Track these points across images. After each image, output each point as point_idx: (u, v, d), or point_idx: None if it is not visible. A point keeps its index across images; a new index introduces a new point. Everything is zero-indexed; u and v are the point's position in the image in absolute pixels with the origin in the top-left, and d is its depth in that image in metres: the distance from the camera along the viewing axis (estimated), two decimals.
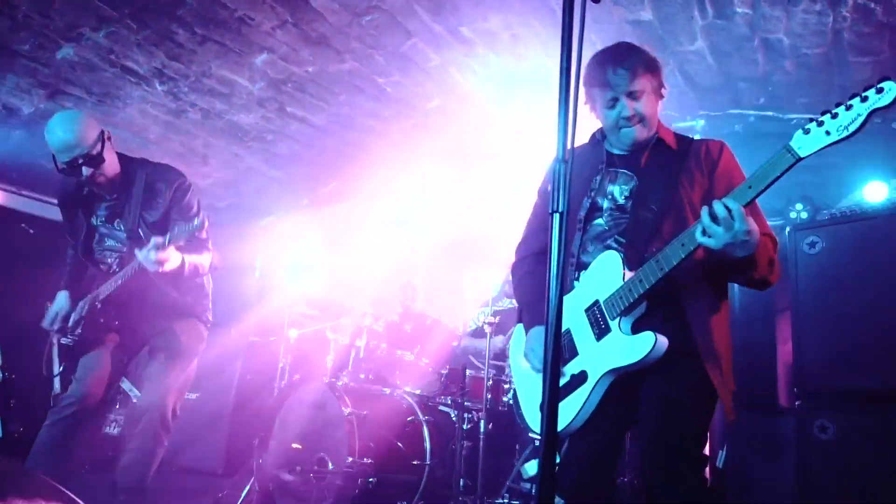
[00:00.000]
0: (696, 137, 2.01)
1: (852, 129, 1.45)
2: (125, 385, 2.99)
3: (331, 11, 3.63)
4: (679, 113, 4.31)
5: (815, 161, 4.25)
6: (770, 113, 4.22)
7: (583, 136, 2.06)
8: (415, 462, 3.31)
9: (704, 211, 1.56)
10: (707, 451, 3.82)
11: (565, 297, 1.83)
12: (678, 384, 1.73)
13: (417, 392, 3.65)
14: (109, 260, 2.83)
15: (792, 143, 1.53)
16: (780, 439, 3.11)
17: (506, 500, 3.32)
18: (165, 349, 2.78)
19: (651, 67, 1.87)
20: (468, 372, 3.61)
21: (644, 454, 1.77)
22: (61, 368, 2.78)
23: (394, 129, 5.01)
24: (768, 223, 1.86)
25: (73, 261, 2.96)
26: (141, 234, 2.73)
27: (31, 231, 5.15)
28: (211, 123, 4.82)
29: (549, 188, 1.01)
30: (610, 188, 1.92)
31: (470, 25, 3.73)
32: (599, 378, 1.73)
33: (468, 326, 5.24)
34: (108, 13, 3.61)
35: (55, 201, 5.19)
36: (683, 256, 1.62)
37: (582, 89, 1.95)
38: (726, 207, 1.54)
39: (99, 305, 2.75)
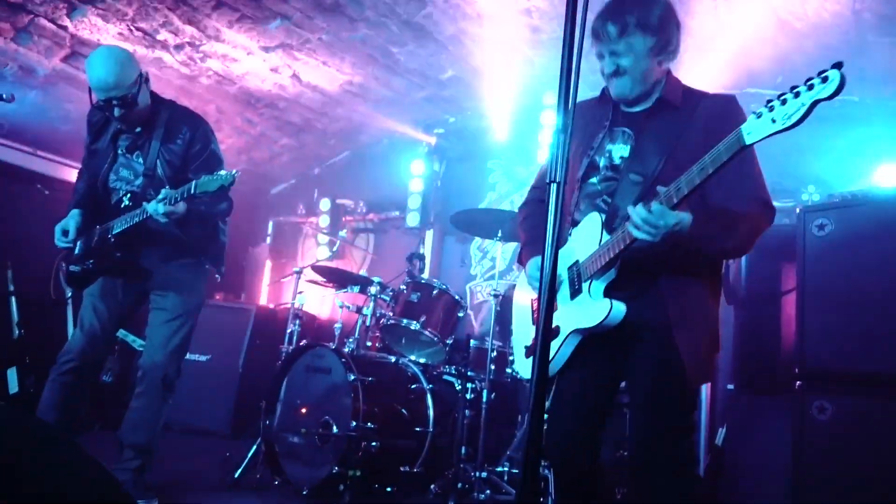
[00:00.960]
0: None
1: (795, 118, 1.40)
2: (121, 334, 2.98)
3: None
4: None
5: (830, 142, 4.19)
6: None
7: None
8: (418, 429, 3.37)
9: (631, 211, 1.61)
10: (705, 429, 3.87)
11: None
12: (652, 358, 1.77)
13: (422, 361, 3.69)
14: (121, 192, 2.81)
15: (743, 128, 1.49)
16: (779, 420, 3.13)
17: (506, 469, 3.39)
18: (166, 309, 2.81)
19: (648, 24, 1.79)
20: (472, 342, 3.65)
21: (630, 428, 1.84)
22: (69, 294, 2.80)
23: (406, 99, 5.00)
24: (766, 188, 1.82)
25: (87, 184, 2.92)
26: (158, 170, 2.76)
27: (47, 192, 5.21)
28: (223, 89, 4.83)
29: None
30: (608, 147, 1.91)
31: None
32: (567, 335, 1.80)
33: (475, 299, 5.27)
34: None
35: (71, 162, 5.23)
36: (627, 244, 1.67)
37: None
38: (647, 211, 1.58)
39: (112, 239, 2.74)
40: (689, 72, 4.11)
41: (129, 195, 2.78)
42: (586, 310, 1.79)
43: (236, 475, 3.38)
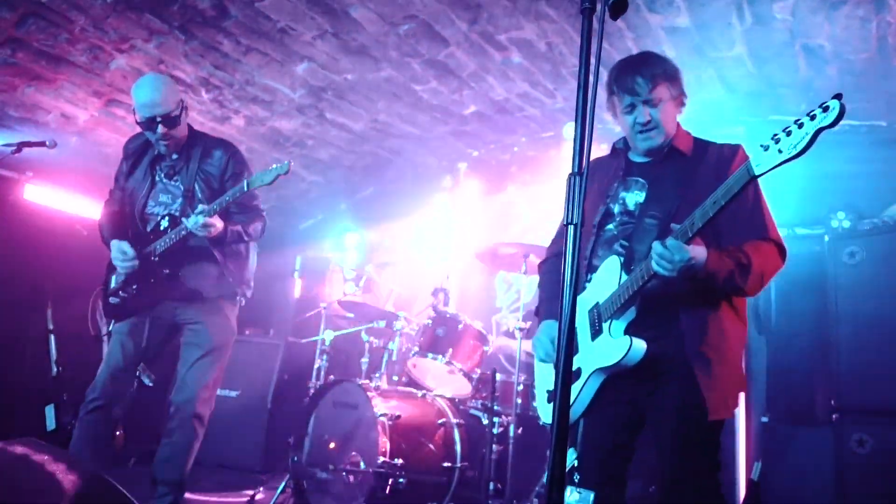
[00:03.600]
0: (720, 142, 2.04)
1: (800, 147, 1.47)
2: (138, 369, 3.05)
3: (369, 21, 3.72)
4: (719, 120, 4.26)
5: (858, 168, 4.14)
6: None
7: (599, 150, 2.15)
8: (445, 464, 3.35)
9: (653, 246, 1.68)
10: (742, 464, 3.76)
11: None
12: (673, 399, 1.81)
13: (449, 395, 3.69)
14: (159, 217, 2.90)
15: (751, 160, 1.57)
16: (817, 453, 3.04)
17: None
18: (199, 345, 2.87)
19: (671, 76, 1.93)
20: (499, 376, 3.64)
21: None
22: (105, 331, 2.89)
23: (431, 135, 5.09)
24: (777, 230, 1.89)
25: (117, 215, 3.01)
26: (197, 191, 2.89)
27: (85, 233, 5.39)
28: (253, 129, 4.98)
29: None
30: (622, 195, 2.00)
31: (505, 34, 3.77)
32: (589, 375, 1.83)
33: (500, 331, 5.26)
34: (158, 26, 3.78)
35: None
36: (647, 278, 1.73)
37: (607, 95, 2.04)
38: (664, 247, 1.65)
39: (156, 259, 2.82)
40: (712, 101, 4.12)
41: (167, 217, 2.89)
42: (607, 349, 1.83)
43: None
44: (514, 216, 5.48)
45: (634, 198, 1.98)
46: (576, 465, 1.95)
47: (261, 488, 3.67)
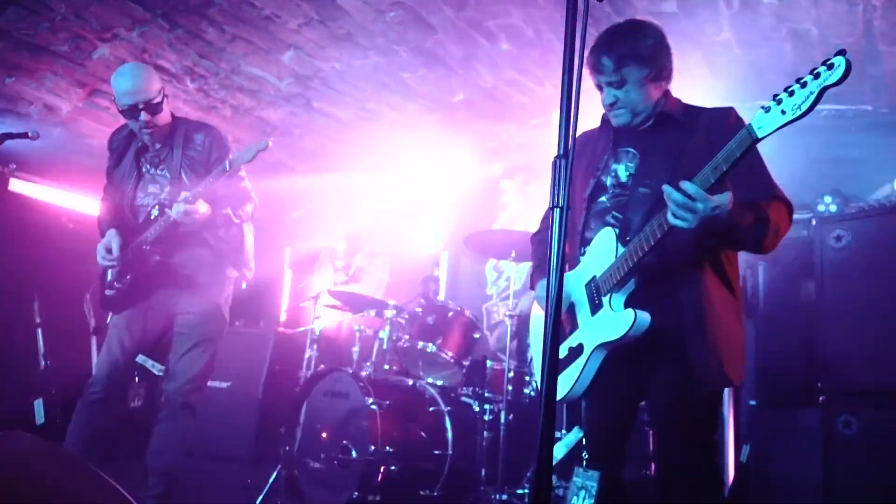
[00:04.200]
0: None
1: (805, 107, 1.43)
2: (139, 359, 3.03)
3: (355, 9, 3.69)
4: (706, 104, 4.26)
5: (846, 153, 4.17)
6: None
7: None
8: (437, 452, 3.37)
9: (669, 196, 1.59)
10: (731, 448, 3.80)
11: (571, 273, 1.94)
12: (668, 376, 1.80)
13: (440, 383, 3.70)
14: (149, 207, 2.89)
15: (753, 122, 1.52)
16: (804, 435, 3.08)
17: (527, 490, 3.36)
18: (189, 336, 2.85)
19: (642, 55, 1.85)
20: (489, 363, 3.65)
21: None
22: (93, 326, 2.86)
23: (419, 123, 5.06)
24: (785, 195, 1.84)
25: (113, 209, 3.00)
26: (183, 176, 2.87)
27: (72, 226, 5.34)
28: (240, 119, 4.93)
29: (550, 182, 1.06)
30: (614, 167, 1.96)
31: (493, 20, 3.75)
32: (592, 351, 1.81)
33: (491, 319, 5.27)
34: (141, 14, 3.73)
35: (95, 195, 5.36)
36: (660, 236, 1.66)
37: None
38: (685, 194, 1.56)
39: (147, 248, 2.81)
40: (699, 86, 4.12)
41: (157, 207, 2.87)
42: (610, 323, 1.80)
43: (258, 501, 3.39)
44: (504, 204, 5.48)
45: (626, 169, 1.94)
46: (583, 443, 1.97)
47: (251, 479, 3.67)
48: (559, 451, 2.02)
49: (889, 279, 2.69)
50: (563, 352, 1.88)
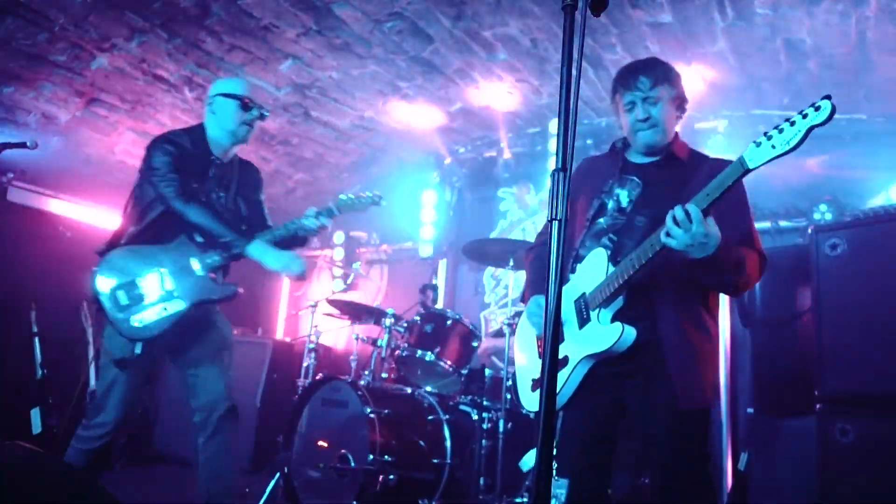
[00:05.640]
0: (713, 155, 2.14)
1: (793, 143, 1.56)
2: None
3: (353, 19, 3.71)
4: (701, 114, 4.30)
5: (841, 161, 4.19)
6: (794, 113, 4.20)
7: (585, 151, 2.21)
8: (435, 460, 3.36)
9: (669, 214, 1.69)
10: (728, 456, 3.80)
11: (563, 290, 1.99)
12: (651, 390, 1.86)
13: (438, 391, 3.70)
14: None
15: (744, 155, 1.64)
16: (801, 442, 3.08)
17: (525, 500, 3.35)
18: (215, 340, 2.76)
19: (672, 81, 2.03)
20: (487, 372, 3.66)
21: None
22: (135, 353, 2.55)
23: (416, 132, 5.09)
24: (758, 238, 1.96)
25: (162, 222, 2.67)
26: (241, 209, 2.88)
27: (69, 234, 5.34)
28: None
29: (548, 196, 1.08)
30: (617, 191, 2.07)
31: (490, 30, 3.78)
32: (578, 363, 1.89)
33: (489, 327, 5.28)
34: (140, 24, 3.75)
35: (92, 204, 5.34)
36: (651, 256, 1.76)
37: (610, 98, 2.15)
38: (685, 211, 1.66)
39: (213, 276, 2.68)
40: (694, 97, 4.15)
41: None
42: (597, 335, 1.88)
43: None
44: (502, 212, 5.50)
45: (628, 195, 2.04)
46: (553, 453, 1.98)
47: (249, 487, 3.66)
48: (530, 459, 2.10)
49: (885, 287, 2.70)
50: None
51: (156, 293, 2.61)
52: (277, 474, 3.46)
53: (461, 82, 4.36)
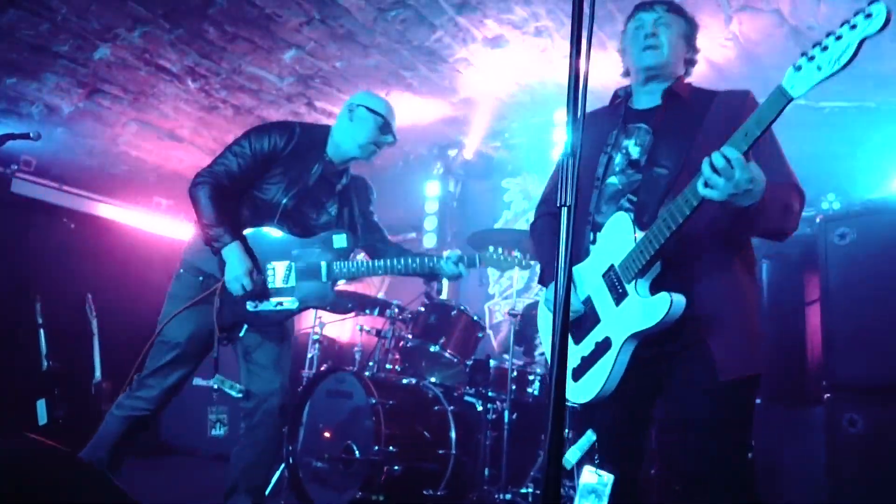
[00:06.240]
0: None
1: (843, 60, 1.34)
2: (216, 382, 2.57)
3: (357, 7, 3.68)
4: None
5: (848, 150, 4.14)
6: (803, 102, 4.15)
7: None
8: (440, 451, 3.36)
9: (705, 162, 1.48)
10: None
11: (583, 265, 1.84)
12: (694, 365, 1.67)
13: (443, 383, 3.69)
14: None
15: (784, 83, 1.42)
16: (809, 432, 3.07)
17: (531, 490, 3.35)
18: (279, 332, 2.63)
19: (688, 20, 1.92)
20: (492, 363, 3.64)
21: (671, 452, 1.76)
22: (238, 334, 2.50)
23: (420, 122, 5.06)
24: (793, 171, 1.74)
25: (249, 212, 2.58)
26: (348, 217, 2.80)
27: (73, 226, 5.34)
28: (242, 119, 4.93)
29: (558, 178, 1.04)
30: (625, 142, 1.86)
31: (495, 18, 3.74)
32: (623, 343, 1.68)
33: (493, 319, 5.27)
34: (143, 14, 3.73)
35: (96, 196, 5.33)
36: (689, 212, 1.54)
37: (621, 37, 2.00)
38: (725, 157, 1.45)
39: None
40: (700, 83, 4.11)
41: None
42: (641, 310, 1.66)
43: None
44: (506, 203, 5.47)
45: (639, 146, 1.82)
46: (595, 445, 1.89)
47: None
48: (573, 455, 1.91)
49: (893, 276, 2.68)
50: (588, 348, 1.78)
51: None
52: (282, 465, 3.46)
53: (465, 72, 4.33)
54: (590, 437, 1.82)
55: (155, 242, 5.78)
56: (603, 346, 1.73)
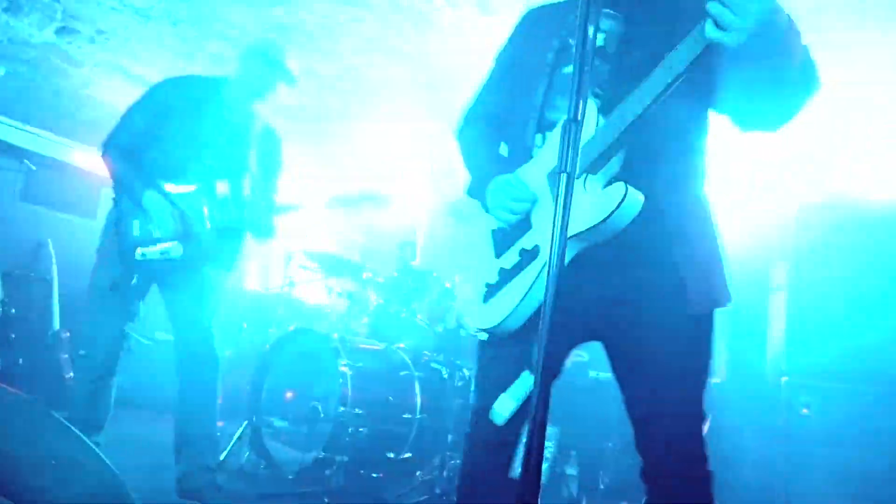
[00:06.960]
0: None
1: None
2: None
3: None
4: None
5: (825, 138, 4.18)
6: None
7: None
8: (405, 415, 3.38)
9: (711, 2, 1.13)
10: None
11: (527, 166, 1.51)
12: (657, 289, 1.38)
13: (411, 348, 3.70)
14: None
15: None
16: (766, 412, 3.17)
17: None
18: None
19: None
20: (462, 331, 3.66)
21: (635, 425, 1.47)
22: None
23: (406, 87, 4.97)
24: None
25: None
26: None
27: (34, 167, 5.14)
28: (219, 70, 4.77)
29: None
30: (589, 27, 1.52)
31: None
32: None
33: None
34: None
35: (61, 138, 5.12)
36: (682, 70, 1.20)
37: None
38: None
39: None
40: None
41: None
42: (585, 207, 1.29)
43: (222, 457, 3.36)
44: None
45: (605, 32, 1.48)
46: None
47: (217, 435, 3.63)
48: (505, 406, 1.28)
49: (857, 267, 2.77)
50: (510, 260, 1.45)
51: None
52: (245, 423, 3.44)
53: (454, 37, 4.25)
54: (526, 380, 1.37)
55: None
56: (529, 256, 1.40)
